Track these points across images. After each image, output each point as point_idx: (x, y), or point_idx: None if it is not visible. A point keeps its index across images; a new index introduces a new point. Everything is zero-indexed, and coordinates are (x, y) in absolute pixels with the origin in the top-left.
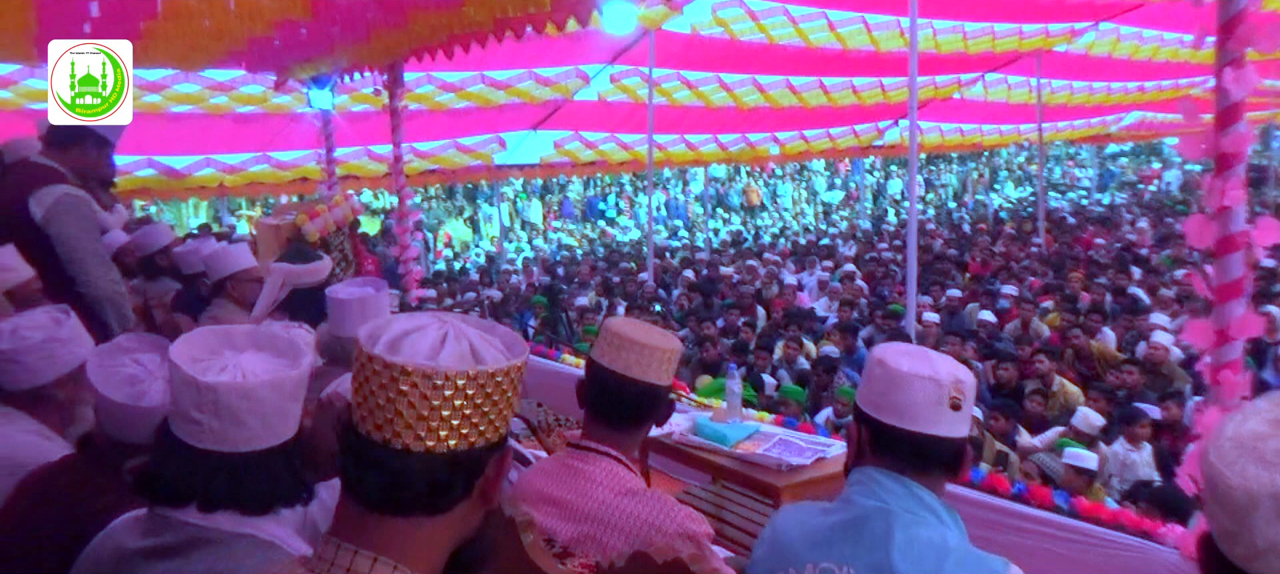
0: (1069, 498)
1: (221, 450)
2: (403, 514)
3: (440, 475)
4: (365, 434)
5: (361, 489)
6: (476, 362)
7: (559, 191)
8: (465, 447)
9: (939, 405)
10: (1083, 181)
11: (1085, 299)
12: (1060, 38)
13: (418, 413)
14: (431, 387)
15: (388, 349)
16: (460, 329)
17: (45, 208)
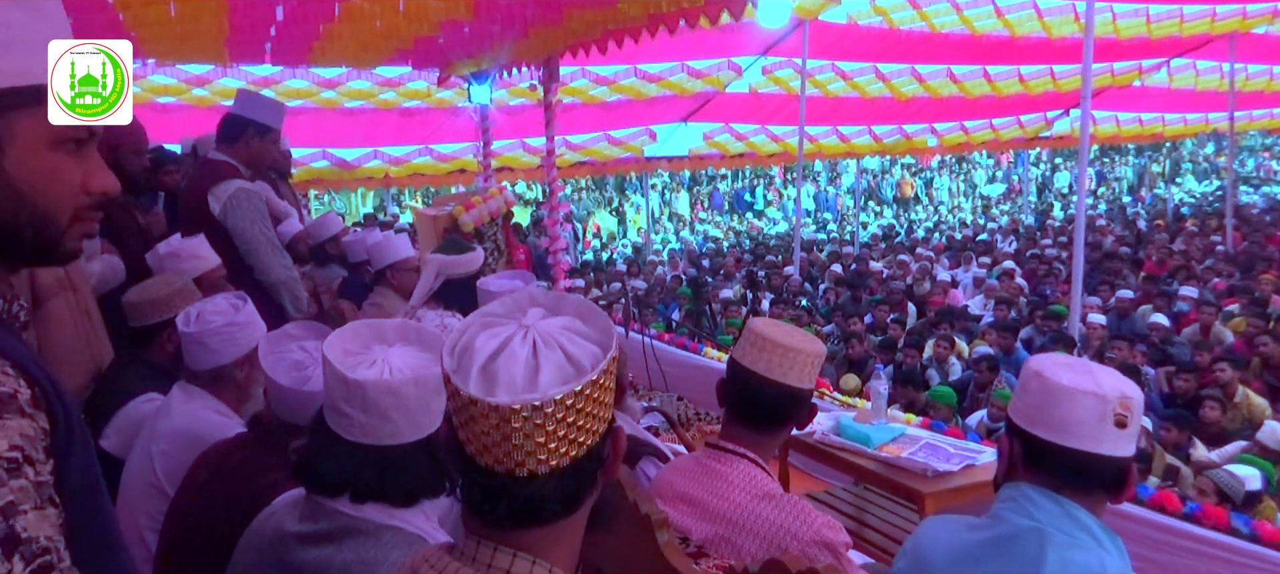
0: (1250, 521)
1: (369, 443)
2: (543, 525)
3: (569, 486)
4: (485, 465)
5: (493, 514)
6: (577, 370)
7: (707, 183)
8: (585, 451)
9: (1102, 422)
10: (1279, 175)
11: (1277, 303)
12: (1260, 18)
13: (535, 441)
14: (542, 417)
15: (483, 387)
16: (547, 333)
17: (222, 202)
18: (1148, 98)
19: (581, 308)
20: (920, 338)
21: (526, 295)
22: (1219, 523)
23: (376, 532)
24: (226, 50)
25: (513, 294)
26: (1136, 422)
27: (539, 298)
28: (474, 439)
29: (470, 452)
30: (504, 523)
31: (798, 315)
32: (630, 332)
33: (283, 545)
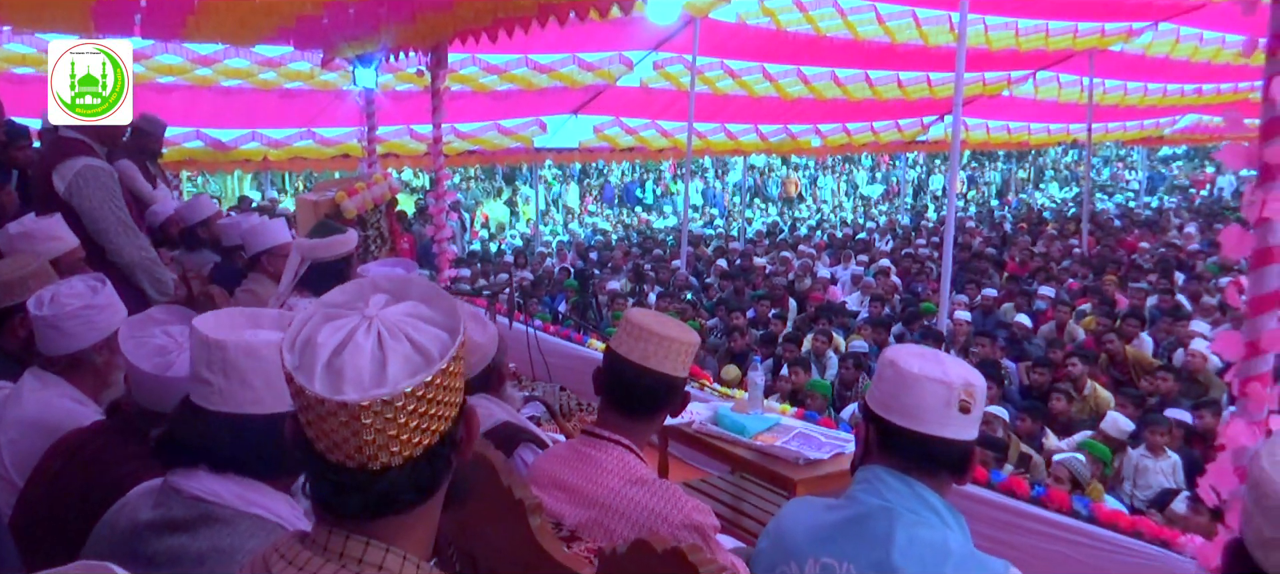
0: (1089, 503)
1: (230, 411)
2: (397, 515)
3: (424, 474)
4: (336, 462)
5: (346, 508)
6: (426, 360)
7: (598, 176)
8: (438, 437)
9: (948, 408)
10: (1131, 184)
11: (1122, 303)
12: (1117, 37)
13: (387, 435)
14: (393, 410)
15: (329, 385)
16: (392, 322)
17: (66, 181)
18: (1015, 107)
19: (426, 292)
20: (800, 333)
21: (369, 282)
22: (1062, 506)
23: (233, 520)
24: (92, 19)
25: (356, 281)
26: (979, 408)
27: (382, 284)
28: (323, 436)
29: (320, 448)
30: (359, 515)
31: (683, 308)
32: (514, 322)
33: (136, 536)
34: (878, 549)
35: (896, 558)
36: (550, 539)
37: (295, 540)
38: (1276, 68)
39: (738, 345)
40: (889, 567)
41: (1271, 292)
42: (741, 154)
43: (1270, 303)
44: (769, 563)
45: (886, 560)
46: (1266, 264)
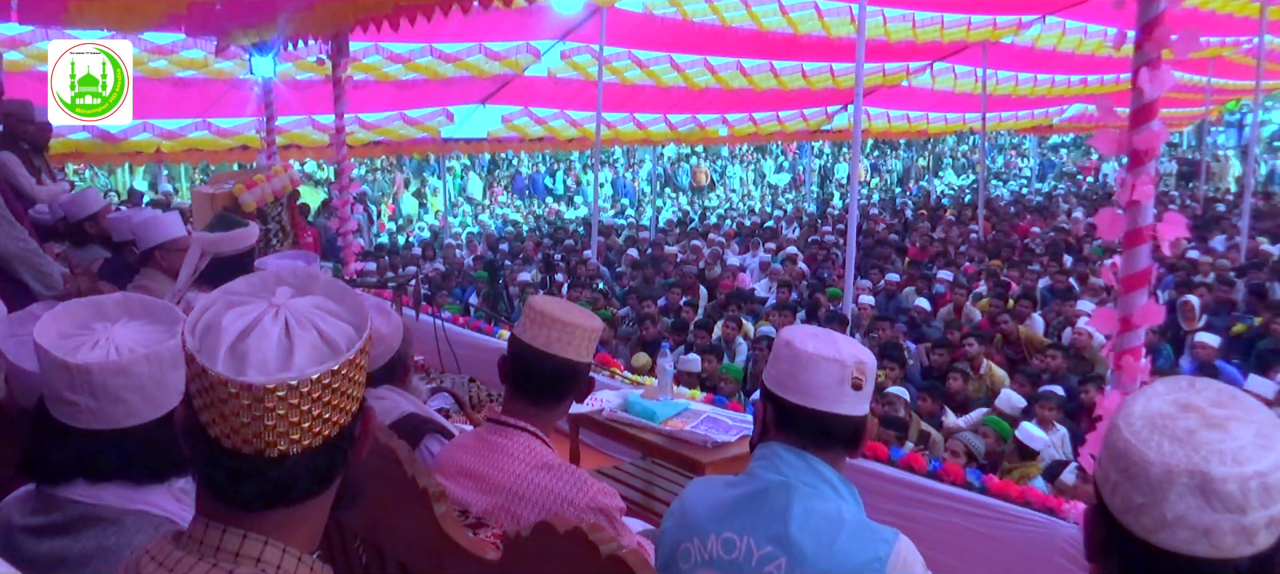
0: (981, 475)
1: (103, 429)
2: (290, 506)
3: (321, 466)
4: (231, 447)
5: (239, 496)
6: (332, 350)
7: (507, 167)
8: (338, 430)
9: (841, 385)
10: (1024, 171)
11: (1015, 285)
12: (1007, 29)
13: (289, 420)
14: (298, 396)
15: (232, 365)
16: (300, 313)
17: None
18: (914, 97)
19: (331, 288)
20: (711, 320)
21: (273, 274)
22: (956, 479)
23: (118, 518)
24: None
25: (259, 273)
26: (870, 385)
27: (287, 276)
28: (220, 421)
29: (215, 434)
30: (252, 504)
31: (594, 298)
32: (421, 314)
33: (13, 541)
34: (776, 522)
35: (793, 529)
36: (455, 526)
37: (169, 541)
38: (1144, 59)
39: (649, 333)
40: (787, 538)
41: (1142, 270)
42: (651, 144)
43: (1141, 280)
44: (673, 541)
45: (784, 533)
46: (1137, 244)
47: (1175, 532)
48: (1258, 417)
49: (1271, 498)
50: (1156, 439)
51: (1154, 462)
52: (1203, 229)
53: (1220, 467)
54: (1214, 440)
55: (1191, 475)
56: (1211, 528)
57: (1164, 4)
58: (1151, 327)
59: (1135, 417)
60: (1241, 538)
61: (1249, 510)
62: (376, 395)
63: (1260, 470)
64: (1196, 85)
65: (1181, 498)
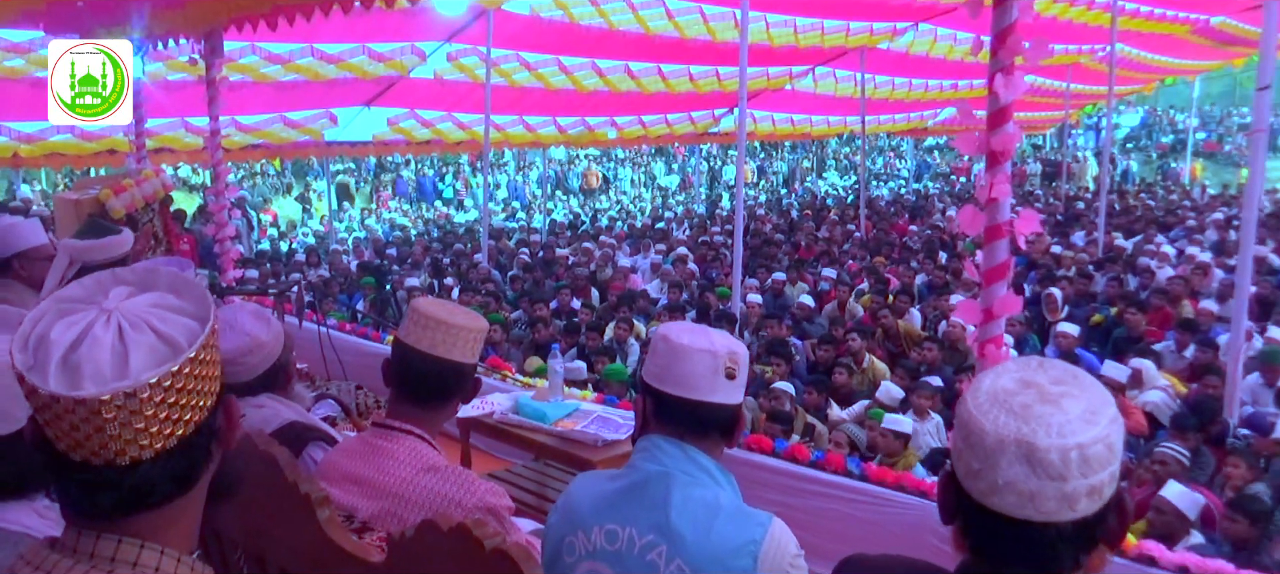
0: (861, 464)
1: None
2: (154, 509)
3: (180, 466)
4: (80, 460)
5: (97, 508)
6: (172, 349)
7: (394, 171)
8: (194, 428)
9: (715, 375)
10: (902, 172)
11: (894, 282)
12: (883, 36)
13: (133, 428)
14: (138, 403)
15: (66, 379)
16: (134, 314)
17: None
18: (798, 100)
19: (175, 282)
20: (603, 321)
21: (110, 276)
22: (837, 468)
23: None
24: None
25: (94, 276)
26: (743, 374)
27: (125, 276)
28: (63, 435)
29: (62, 448)
30: (112, 513)
31: (485, 302)
32: (304, 322)
33: None
34: (657, 511)
35: (673, 517)
36: (339, 531)
37: (45, 547)
38: (998, 66)
39: (541, 336)
40: (667, 527)
41: (1001, 263)
42: (540, 146)
43: (1000, 273)
44: (558, 535)
45: (665, 521)
46: (996, 239)
47: (1005, 496)
48: (1090, 395)
49: (1091, 468)
50: (995, 412)
51: (989, 431)
52: (1065, 226)
53: (1045, 438)
54: (1045, 414)
55: (1019, 445)
56: (1036, 493)
57: (1016, 14)
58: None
59: (982, 392)
60: (1063, 504)
61: (1069, 479)
62: (256, 404)
63: (1081, 443)
64: (1057, 90)
65: (1011, 465)
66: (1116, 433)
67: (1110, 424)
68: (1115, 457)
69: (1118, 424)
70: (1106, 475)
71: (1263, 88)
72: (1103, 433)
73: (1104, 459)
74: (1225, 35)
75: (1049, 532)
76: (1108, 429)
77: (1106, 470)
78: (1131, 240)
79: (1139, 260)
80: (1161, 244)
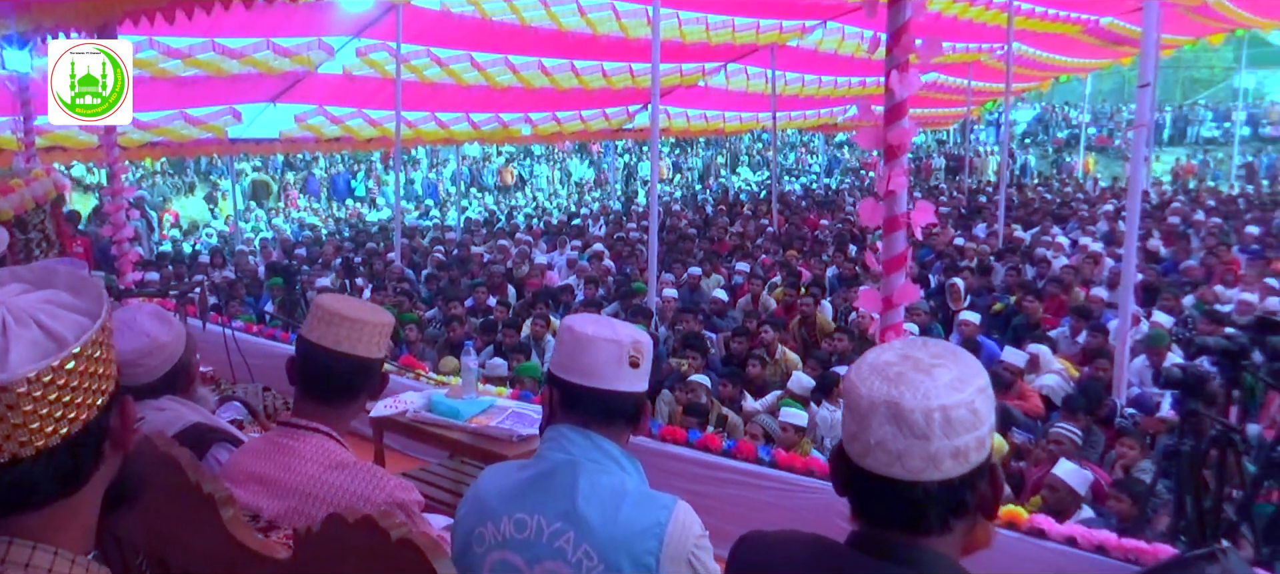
0: (771, 451)
1: None
2: (38, 509)
3: (65, 465)
4: None
5: None
6: (57, 344)
7: (305, 169)
8: (81, 426)
9: (619, 364)
10: (813, 167)
11: (806, 274)
12: (793, 33)
13: (10, 424)
14: (15, 397)
15: None
16: (21, 309)
17: None
18: (711, 97)
19: (73, 281)
20: (519, 318)
21: (9, 273)
22: (748, 456)
23: None
24: None
25: None
26: (647, 362)
27: (22, 274)
28: None
29: None
30: None
31: (399, 300)
32: (208, 324)
33: None
34: (564, 499)
35: (580, 504)
36: (244, 530)
37: None
38: (894, 62)
39: (456, 334)
40: (574, 513)
41: (899, 253)
42: (454, 143)
43: (899, 263)
44: (468, 527)
45: (572, 508)
46: (894, 230)
47: (876, 455)
48: (962, 367)
49: (954, 430)
50: (871, 379)
51: (863, 395)
52: (968, 219)
53: (911, 399)
54: (915, 380)
55: (887, 406)
56: (904, 452)
57: (909, 13)
58: (921, 307)
59: (865, 363)
60: (929, 463)
61: (933, 439)
62: (157, 406)
63: (945, 405)
64: (959, 88)
65: (880, 425)
66: (983, 402)
67: (977, 393)
68: (981, 423)
69: (985, 395)
70: (971, 440)
71: (1144, 85)
72: (967, 399)
73: (968, 423)
74: (1113, 35)
75: (916, 490)
76: (973, 397)
77: (971, 435)
78: (1029, 232)
79: (1036, 251)
80: (1057, 235)
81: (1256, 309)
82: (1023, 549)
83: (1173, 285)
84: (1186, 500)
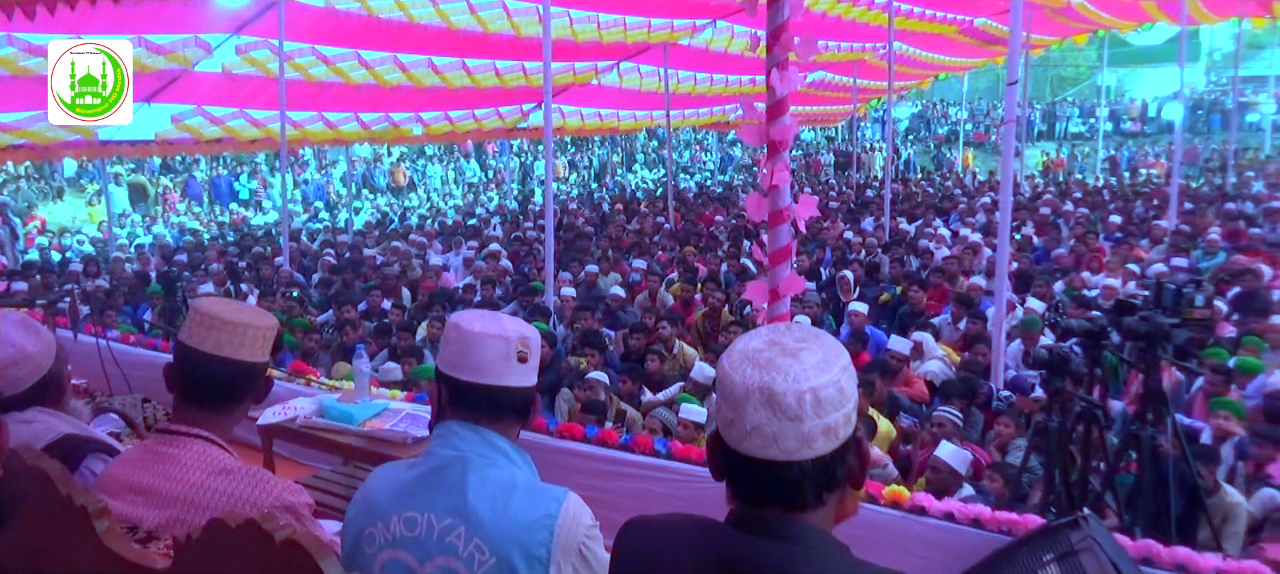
0: (667, 443)
1: None
2: None
3: None
4: None
5: None
6: None
7: (185, 171)
8: None
9: (507, 360)
10: (708, 164)
11: (703, 270)
12: (684, 32)
13: None
14: None
15: None
16: None
17: None
18: (604, 95)
19: None
20: (414, 321)
21: None
22: (645, 448)
23: None
24: None
25: None
26: (535, 357)
27: None
28: None
29: None
30: None
31: (289, 306)
32: (81, 335)
33: None
34: (454, 495)
35: (471, 499)
36: (120, 541)
37: None
38: (774, 61)
39: (350, 339)
40: (464, 509)
41: (784, 246)
42: (342, 143)
43: (784, 255)
44: (357, 528)
45: (462, 504)
46: (779, 223)
47: (753, 439)
48: (826, 348)
49: (824, 409)
50: (744, 366)
51: (737, 382)
52: (856, 213)
53: (783, 383)
54: (784, 364)
55: (761, 391)
56: (778, 434)
57: (787, 12)
58: (812, 299)
59: (736, 352)
60: (803, 443)
61: (805, 419)
62: (24, 419)
63: (815, 387)
64: (845, 86)
65: (756, 410)
66: (848, 380)
67: (842, 372)
68: (847, 400)
69: (849, 373)
70: (840, 416)
71: (1012, 83)
72: (834, 378)
73: (836, 401)
74: (987, 35)
75: (792, 469)
76: (839, 375)
77: (840, 412)
78: (913, 224)
79: (919, 243)
80: (938, 227)
81: (1118, 293)
82: (906, 527)
83: (1045, 273)
84: (1055, 474)
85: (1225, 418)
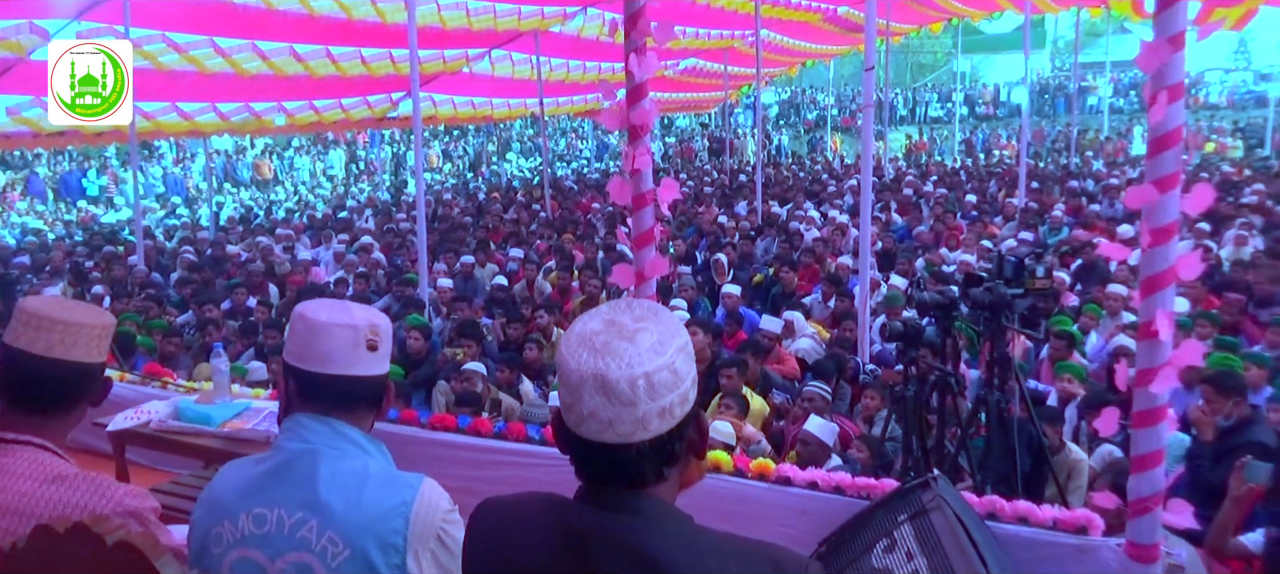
0: (541, 430)
1: None
2: None
3: None
4: None
5: None
6: None
7: (26, 167)
8: None
9: (356, 349)
10: (584, 152)
11: (580, 257)
12: (555, 19)
13: None
14: None
15: None
16: None
17: None
18: (476, 83)
19: None
20: (283, 318)
21: None
22: (518, 435)
23: None
24: None
25: None
26: (386, 345)
27: None
28: None
29: None
30: None
31: (145, 307)
32: None
33: None
34: (304, 488)
35: (322, 491)
36: None
37: None
38: (632, 46)
39: (212, 339)
40: (316, 502)
41: (648, 229)
42: (200, 135)
43: (648, 238)
44: (204, 528)
45: (313, 496)
46: (643, 207)
47: (589, 424)
48: (663, 328)
49: (657, 393)
50: (580, 351)
51: (573, 369)
52: (729, 198)
53: (616, 370)
54: (619, 349)
55: (595, 378)
56: (614, 419)
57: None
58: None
59: (574, 335)
60: (638, 426)
61: (639, 404)
62: None
63: (648, 372)
64: (717, 72)
65: (591, 396)
66: (683, 362)
67: (677, 353)
68: (682, 381)
69: (686, 353)
70: (675, 397)
71: (868, 69)
72: (668, 361)
73: (670, 384)
74: (850, 23)
75: (629, 452)
76: (673, 357)
77: (674, 393)
78: (785, 207)
79: (791, 225)
80: (809, 209)
81: (971, 267)
82: (773, 497)
83: (907, 250)
84: (913, 440)
85: (1069, 380)
